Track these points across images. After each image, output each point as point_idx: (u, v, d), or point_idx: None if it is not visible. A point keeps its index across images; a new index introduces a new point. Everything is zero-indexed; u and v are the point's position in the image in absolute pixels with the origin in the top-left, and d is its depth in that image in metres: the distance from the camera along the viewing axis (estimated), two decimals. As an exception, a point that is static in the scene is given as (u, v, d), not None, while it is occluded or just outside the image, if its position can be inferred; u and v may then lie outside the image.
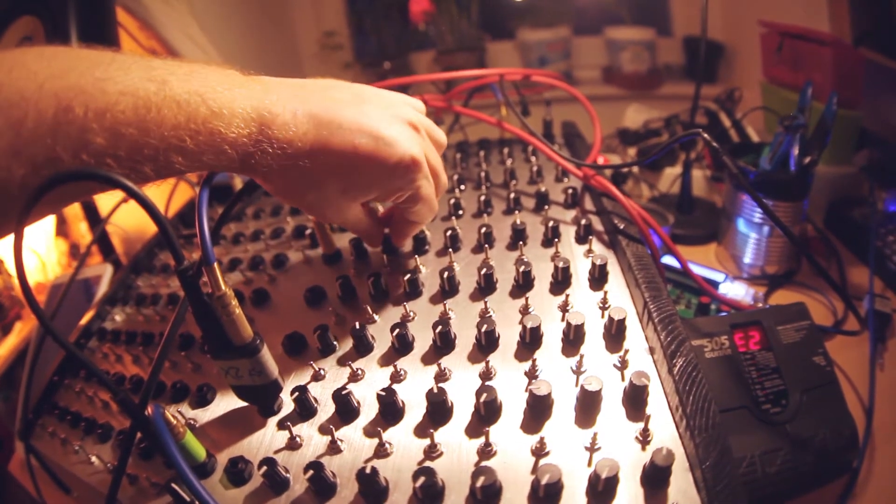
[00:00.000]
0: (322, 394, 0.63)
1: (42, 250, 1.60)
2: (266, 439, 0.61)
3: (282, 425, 0.62)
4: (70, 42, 1.18)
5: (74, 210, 1.65)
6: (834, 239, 1.28)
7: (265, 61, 2.34)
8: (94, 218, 1.52)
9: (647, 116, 1.76)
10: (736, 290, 1.11)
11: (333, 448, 0.58)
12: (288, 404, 0.64)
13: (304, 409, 0.62)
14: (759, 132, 1.61)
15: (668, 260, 1.09)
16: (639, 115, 1.80)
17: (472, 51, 2.62)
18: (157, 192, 0.60)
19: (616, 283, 0.72)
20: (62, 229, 1.71)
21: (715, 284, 1.12)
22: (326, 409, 0.62)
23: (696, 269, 1.14)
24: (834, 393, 0.78)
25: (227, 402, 0.68)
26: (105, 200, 1.50)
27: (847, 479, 0.78)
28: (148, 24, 1.61)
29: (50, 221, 1.66)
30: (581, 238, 0.81)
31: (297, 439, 0.60)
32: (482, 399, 0.55)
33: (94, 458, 0.73)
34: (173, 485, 0.53)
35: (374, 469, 0.51)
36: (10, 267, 1.54)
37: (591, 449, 0.53)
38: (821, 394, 0.78)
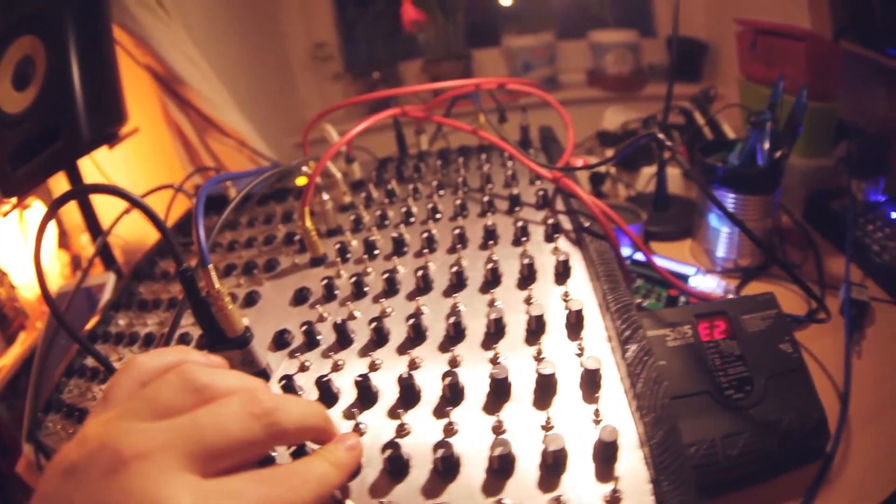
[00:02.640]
0: (307, 382, 0.69)
1: (45, 262, 1.65)
2: (257, 424, 0.68)
3: (271, 412, 0.68)
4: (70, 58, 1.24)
5: (76, 222, 1.69)
6: (813, 231, 1.31)
7: (257, 74, 2.40)
8: (95, 230, 1.57)
9: (626, 118, 1.80)
10: (707, 283, 1.16)
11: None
12: (276, 392, 0.70)
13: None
14: (737, 129, 1.65)
15: (640, 256, 1.14)
16: (617, 116, 1.84)
17: (459, 59, 2.65)
18: (156, 202, 0.67)
19: (580, 278, 0.78)
20: (64, 241, 1.75)
21: (685, 278, 1.16)
22: (310, 395, 0.68)
23: (668, 264, 1.19)
24: (801, 379, 0.82)
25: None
26: (105, 213, 1.55)
27: (821, 463, 0.81)
28: (143, 41, 1.66)
29: (52, 234, 1.71)
30: (549, 237, 0.86)
31: (285, 423, 0.66)
32: (447, 382, 0.62)
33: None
34: None
35: None
36: (14, 279, 1.59)
37: (546, 428, 0.58)
38: (787, 380, 0.82)
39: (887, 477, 0.79)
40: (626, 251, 1.19)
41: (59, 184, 1.55)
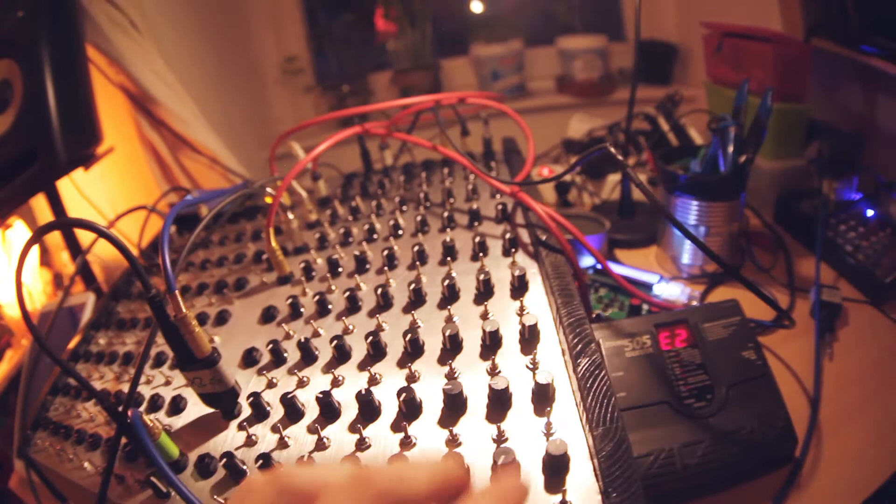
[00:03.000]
0: (274, 399, 0.73)
1: (28, 280, 1.67)
2: (228, 439, 0.72)
3: (241, 426, 0.72)
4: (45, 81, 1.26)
5: (56, 241, 1.71)
6: (784, 233, 1.33)
7: (229, 90, 2.43)
8: (75, 248, 1.58)
9: (592, 125, 1.82)
10: (671, 291, 1.17)
11: (282, 444, 0.68)
12: (246, 408, 0.74)
13: (259, 411, 0.72)
14: (704, 133, 1.62)
15: (613, 265, 1.16)
16: (582, 124, 1.85)
17: (428, 69, 2.68)
18: (131, 222, 0.70)
19: (537, 292, 0.80)
20: (45, 259, 1.77)
21: (649, 285, 1.18)
22: (277, 411, 0.72)
23: (632, 272, 1.21)
24: (765, 386, 0.82)
25: (197, 410, 0.77)
26: (85, 233, 1.57)
27: (790, 469, 0.82)
28: (116, 61, 1.68)
29: (34, 253, 1.72)
30: (507, 251, 0.89)
31: (253, 437, 0.70)
32: (402, 398, 0.65)
33: (86, 464, 0.82)
34: (153, 478, 0.66)
35: (311, 458, 0.62)
36: (-1, 298, 1.60)
37: (499, 441, 0.61)
38: (750, 387, 0.82)
39: (861, 481, 0.80)
40: (589, 261, 1.21)
41: (40, 203, 1.57)
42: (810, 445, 0.85)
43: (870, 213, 1.22)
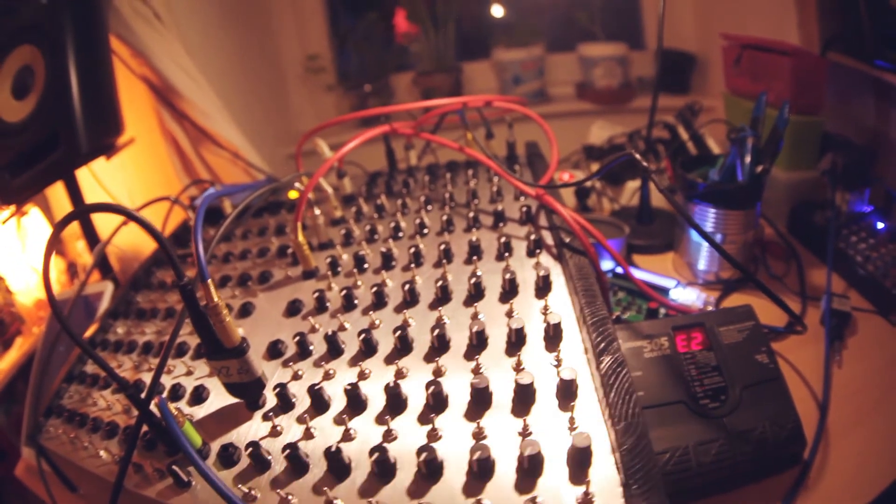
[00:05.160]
0: (299, 390, 0.74)
1: (42, 267, 1.65)
2: (252, 429, 0.72)
3: (266, 417, 0.73)
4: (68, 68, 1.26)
5: (72, 230, 1.71)
6: (797, 243, 1.33)
7: (251, 85, 2.43)
8: (92, 239, 1.59)
9: (612, 132, 1.83)
10: (687, 296, 1.18)
11: (308, 434, 0.68)
12: (271, 399, 0.75)
13: (285, 402, 0.73)
14: (723, 143, 1.61)
15: (632, 270, 1.17)
16: (603, 131, 1.87)
17: (450, 72, 2.68)
18: (152, 213, 0.71)
19: (560, 292, 0.81)
20: (59, 249, 1.77)
21: (666, 290, 1.19)
22: (303, 403, 0.73)
23: (649, 277, 1.22)
24: (777, 389, 0.83)
25: (219, 400, 0.78)
26: (102, 222, 1.58)
27: (799, 470, 0.82)
28: (140, 52, 1.69)
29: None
30: (531, 252, 0.90)
31: (278, 428, 0.71)
32: (430, 391, 0.66)
33: (102, 453, 0.82)
34: (174, 467, 0.66)
35: (338, 448, 0.62)
36: (11, 285, 1.61)
37: (524, 434, 0.62)
38: (763, 389, 0.83)
39: (868, 483, 0.80)
40: (608, 265, 1.22)
41: (57, 192, 1.58)
42: (818, 448, 0.86)
43: (880, 225, 1.22)
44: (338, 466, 0.62)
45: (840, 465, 0.84)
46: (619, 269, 1.21)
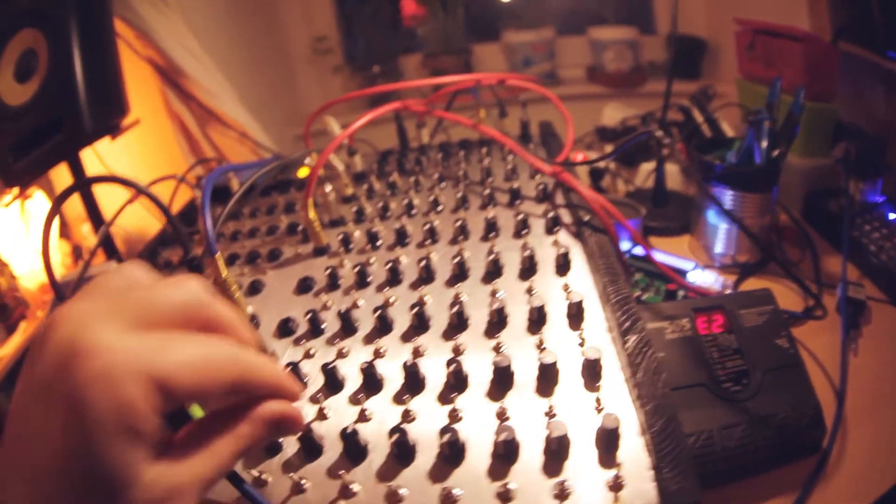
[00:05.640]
0: (312, 369, 0.71)
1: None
2: (261, 408, 0.69)
3: (276, 397, 0.70)
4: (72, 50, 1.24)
5: (77, 212, 1.70)
6: (811, 230, 1.31)
7: (258, 66, 2.41)
8: (97, 220, 1.57)
9: (625, 114, 1.81)
10: (705, 278, 1.16)
11: (321, 415, 0.65)
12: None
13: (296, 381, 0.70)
14: (736, 127, 1.63)
15: (639, 250, 1.15)
16: (616, 112, 1.85)
17: (459, 53, 2.66)
18: (158, 192, 0.68)
19: (580, 270, 0.79)
20: (65, 231, 1.76)
21: (683, 272, 1.17)
22: (315, 382, 0.70)
23: (666, 259, 1.20)
24: (797, 374, 0.82)
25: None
26: (107, 203, 1.56)
27: (818, 458, 0.81)
28: (144, 34, 1.67)
29: (54, 224, 1.71)
30: (549, 229, 0.88)
31: (290, 407, 0.68)
32: (451, 370, 0.63)
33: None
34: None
35: (354, 430, 0.59)
36: (14, 269, 1.59)
37: (549, 415, 0.60)
38: (783, 374, 0.82)
39: (884, 472, 0.79)
40: (625, 245, 1.20)
41: (61, 175, 1.56)
42: (836, 436, 0.85)
43: (892, 216, 1.22)
44: (354, 449, 0.59)
45: (857, 453, 0.82)
46: (636, 251, 1.19)
